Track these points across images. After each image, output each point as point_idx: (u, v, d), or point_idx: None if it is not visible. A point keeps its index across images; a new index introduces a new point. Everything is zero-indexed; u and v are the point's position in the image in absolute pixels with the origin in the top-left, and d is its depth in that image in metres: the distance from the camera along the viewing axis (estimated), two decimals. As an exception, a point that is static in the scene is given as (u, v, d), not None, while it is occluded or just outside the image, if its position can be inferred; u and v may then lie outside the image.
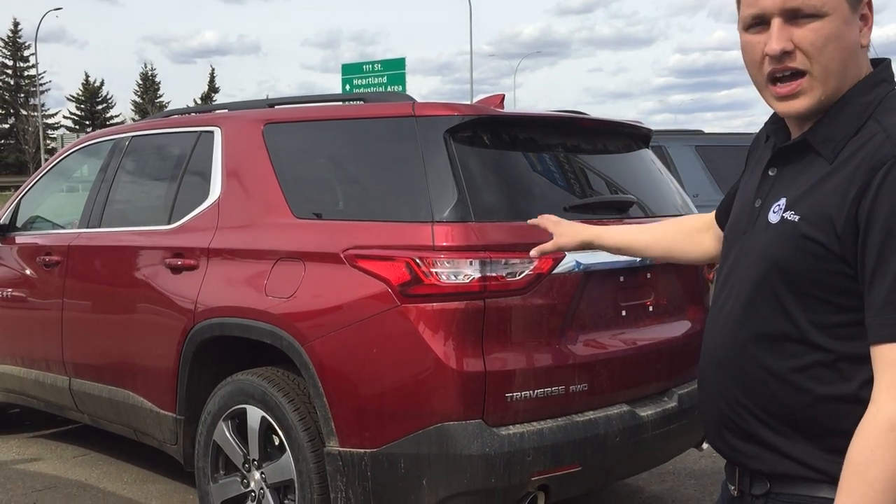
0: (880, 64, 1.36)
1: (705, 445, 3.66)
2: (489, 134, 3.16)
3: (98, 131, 4.97)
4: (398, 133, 3.18)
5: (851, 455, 1.19)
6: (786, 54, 1.28)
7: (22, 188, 5.03)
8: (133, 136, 4.37)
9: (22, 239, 4.77)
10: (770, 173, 1.39)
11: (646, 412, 3.20)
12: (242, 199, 3.56)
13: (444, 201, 2.93)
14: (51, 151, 49.25)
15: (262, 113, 3.79)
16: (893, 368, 1.17)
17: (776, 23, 1.29)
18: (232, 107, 4.15)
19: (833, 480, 1.25)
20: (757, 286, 1.32)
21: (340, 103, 3.95)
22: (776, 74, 1.31)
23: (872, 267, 1.19)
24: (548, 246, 1.93)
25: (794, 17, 1.28)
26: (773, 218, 1.32)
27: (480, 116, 3.14)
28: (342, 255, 3.03)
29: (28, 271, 4.61)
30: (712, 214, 1.77)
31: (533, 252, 1.97)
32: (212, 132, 3.83)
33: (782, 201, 1.32)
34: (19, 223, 4.87)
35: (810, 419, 1.28)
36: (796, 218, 1.27)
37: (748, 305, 1.34)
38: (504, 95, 3.69)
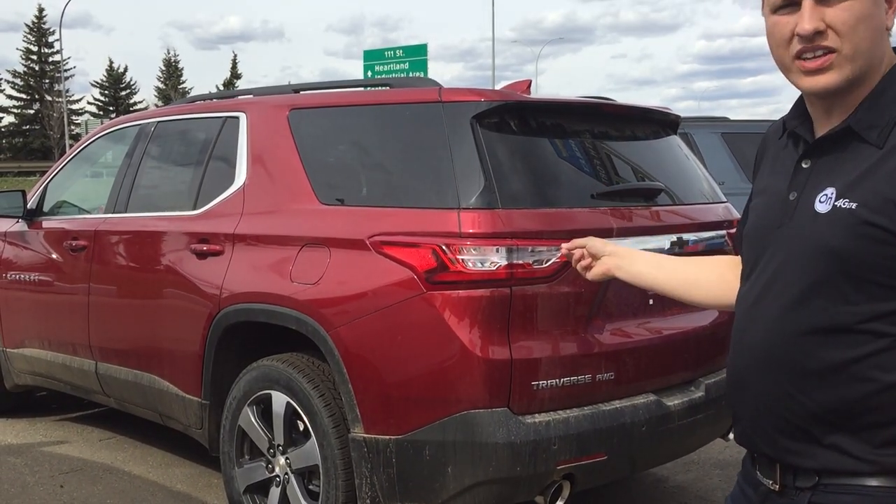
0: None
1: (731, 436, 3.63)
2: (516, 120, 3.14)
3: (123, 117, 4.99)
4: (424, 119, 3.16)
5: None
6: (818, 34, 1.30)
7: (48, 173, 5.06)
8: (158, 122, 4.38)
9: (49, 223, 4.80)
10: (804, 165, 1.37)
11: (672, 402, 3.18)
12: (268, 185, 3.56)
13: (470, 188, 2.91)
14: (75, 137, 49.66)
15: (288, 98, 3.78)
16: None
17: (808, 3, 1.30)
18: (257, 92, 4.14)
19: (886, 471, 1.25)
20: (809, 278, 1.30)
21: (366, 89, 3.93)
22: (805, 53, 1.32)
23: None
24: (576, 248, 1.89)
25: None
26: (822, 207, 1.30)
27: (507, 102, 3.11)
28: (368, 242, 3.02)
29: (55, 256, 4.64)
30: (733, 256, 1.70)
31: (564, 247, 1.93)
32: (237, 118, 3.82)
33: (830, 190, 1.30)
34: (46, 208, 4.91)
35: (873, 409, 1.26)
36: (853, 205, 1.26)
37: (798, 299, 1.31)
38: (530, 81, 3.65)
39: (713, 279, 1.71)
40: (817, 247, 1.29)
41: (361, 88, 3.91)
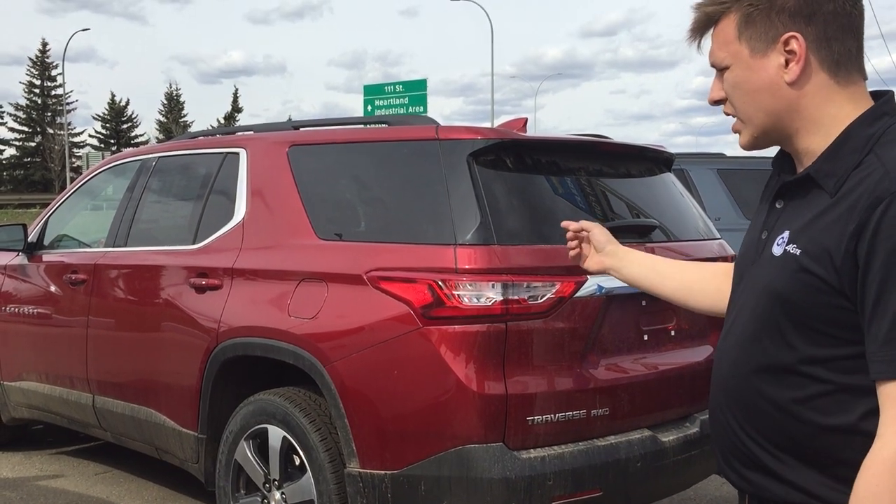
0: (883, 96, 1.37)
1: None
2: (512, 157, 3.18)
3: (125, 151, 5.04)
4: (422, 156, 3.21)
5: (857, 489, 1.20)
6: (720, 102, 1.44)
7: (50, 207, 5.10)
8: (160, 157, 4.43)
9: (49, 257, 4.83)
10: (777, 206, 1.41)
11: (667, 437, 3.19)
12: (267, 220, 3.60)
13: (466, 224, 2.95)
14: (76, 169, 49.89)
15: (287, 135, 3.83)
16: (893, 402, 1.18)
17: (715, 75, 1.43)
18: (257, 128, 4.20)
19: None
20: (759, 317, 1.34)
21: (364, 126, 3.99)
22: None
23: (873, 303, 1.20)
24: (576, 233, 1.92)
25: (719, 70, 1.42)
26: (777, 250, 1.34)
27: (503, 140, 3.16)
28: (365, 277, 3.05)
29: (54, 289, 4.67)
30: (729, 264, 1.75)
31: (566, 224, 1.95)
32: (237, 153, 3.87)
33: (785, 234, 1.34)
34: (46, 241, 4.94)
35: (813, 449, 1.30)
36: (797, 251, 1.29)
37: (751, 336, 1.35)
38: (527, 119, 3.72)
39: (710, 288, 1.75)
40: (766, 288, 1.33)
41: (360, 126, 3.96)
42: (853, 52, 1.34)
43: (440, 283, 2.88)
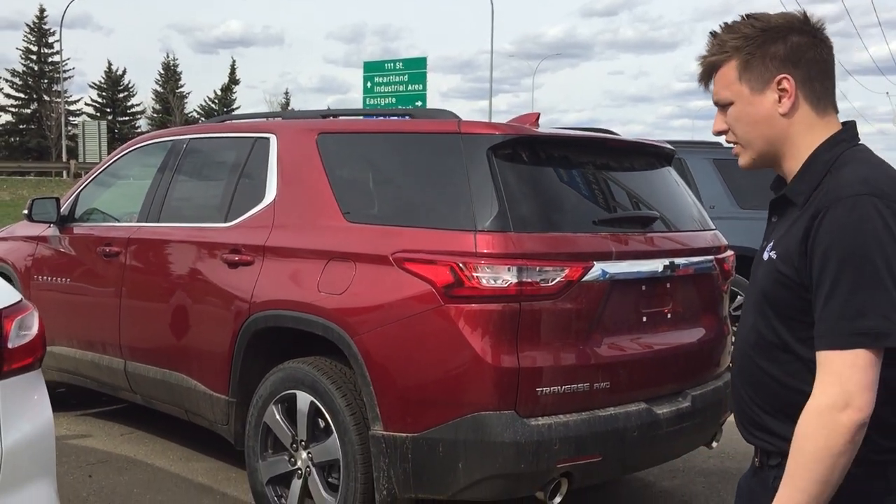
0: (846, 125, 1.69)
1: (714, 444, 3.97)
2: (527, 151, 3.47)
3: (155, 132, 5.31)
4: (444, 148, 3.49)
5: (795, 434, 1.54)
6: (724, 132, 1.73)
7: (80, 182, 5.37)
8: (191, 139, 4.70)
9: (80, 230, 5.10)
10: (773, 220, 1.75)
11: (661, 410, 3.51)
12: (297, 202, 3.88)
13: (485, 212, 3.24)
14: (72, 138, 49.81)
15: (316, 123, 4.11)
16: (822, 368, 1.52)
17: (718, 111, 1.75)
18: (287, 116, 4.47)
19: None
20: (755, 309, 1.68)
21: (389, 117, 4.27)
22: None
23: (814, 292, 1.54)
24: None
25: (721, 106, 1.74)
26: (765, 256, 1.67)
27: (520, 136, 3.45)
28: (391, 258, 3.35)
29: (86, 260, 4.94)
30: None
31: None
32: (268, 138, 4.15)
33: (771, 243, 1.68)
34: (77, 215, 5.21)
35: (801, 411, 1.60)
36: (774, 256, 1.63)
37: (752, 324, 1.69)
38: (539, 114, 3.99)
39: None
40: (758, 287, 1.68)
41: (384, 117, 4.24)
42: (829, 89, 1.67)
43: (461, 265, 3.18)
